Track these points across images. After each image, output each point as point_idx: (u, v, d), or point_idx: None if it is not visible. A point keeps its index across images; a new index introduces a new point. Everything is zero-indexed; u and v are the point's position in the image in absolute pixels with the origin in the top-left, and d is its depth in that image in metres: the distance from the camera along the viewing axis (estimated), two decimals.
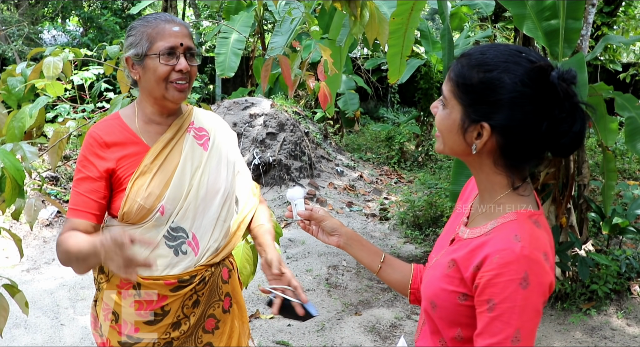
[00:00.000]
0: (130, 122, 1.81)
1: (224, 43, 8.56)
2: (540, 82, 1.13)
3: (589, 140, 8.51)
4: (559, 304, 4.19)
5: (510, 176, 1.22)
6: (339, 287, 4.78)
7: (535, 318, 1.10)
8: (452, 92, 1.21)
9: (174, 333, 1.81)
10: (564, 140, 1.15)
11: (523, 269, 1.08)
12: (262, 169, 7.29)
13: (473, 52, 1.21)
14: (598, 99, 4.32)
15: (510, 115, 1.14)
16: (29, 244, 5.77)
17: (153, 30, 1.71)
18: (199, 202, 1.79)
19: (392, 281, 1.59)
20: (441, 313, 1.25)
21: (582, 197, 4.45)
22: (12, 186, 2.08)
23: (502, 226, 1.18)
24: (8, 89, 2.71)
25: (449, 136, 1.24)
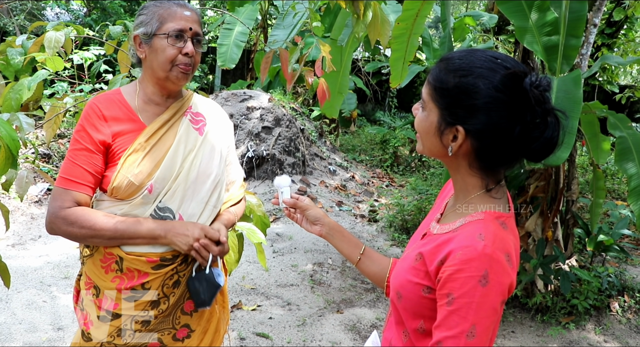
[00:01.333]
0: (130, 99, 1.83)
1: (227, 34, 8.55)
2: (514, 88, 1.16)
3: (581, 158, 8.58)
4: (539, 316, 4.23)
5: (485, 178, 1.26)
6: (322, 284, 4.79)
7: (492, 316, 1.12)
8: (430, 95, 1.25)
9: (152, 311, 1.82)
10: (535, 146, 1.17)
11: (484, 267, 1.11)
12: (255, 163, 7.30)
13: (451, 56, 1.24)
14: (592, 117, 4.37)
15: (484, 120, 1.17)
16: (16, 219, 5.75)
17: (165, 11, 1.74)
18: (188, 184, 1.81)
19: (370, 273, 1.63)
20: (406, 304, 1.28)
21: (569, 213, 4.49)
22: (5, 155, 2.08)
23: (469, 224, 1.22)
24: (7, 59, 2.71)
25: (426, 138, 1.28)
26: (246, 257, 5.15)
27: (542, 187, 4.14)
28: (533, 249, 4.16)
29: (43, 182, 6.57)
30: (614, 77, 9.84)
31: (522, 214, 4.23)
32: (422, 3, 5.02)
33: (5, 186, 2.46)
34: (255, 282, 4.69)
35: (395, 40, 5.30)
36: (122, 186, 1.72)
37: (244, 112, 7.74)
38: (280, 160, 7.38)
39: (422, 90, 1.28)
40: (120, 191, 1.73)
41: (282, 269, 5.03)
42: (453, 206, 1.34)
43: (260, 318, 4.05)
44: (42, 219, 5.87)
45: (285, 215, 6.36)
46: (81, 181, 1.73)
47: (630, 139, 3.78)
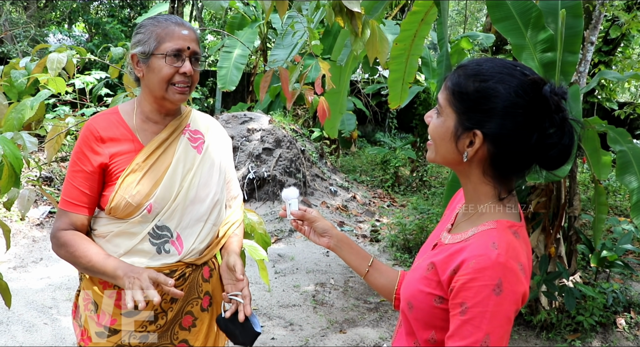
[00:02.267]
0: (128, 118, 1.83)
1: (227, 57, 8.65)
2: (533, 94, 1.17)
3: (582, 175, 8.58)
4: (544, 334, 4.19)
5: (497, 187, 1.25)
6: (325, 304, 4.76)
7: (506, 325, 1.12)
8: (448, 100, 1.25)
9: (151, 327, 1.81)
10: (553, 152, 1.18)
11: (497, 275, 1.11)
12: (256, 184, 7.30)
13: (469, 63, 1.25)
14: (592, 133, 4.38)
15: (502, 124, 1.17)
16: (18, 242, 5.74)
17: (163, 30, 1.73)
18: (187, 203, 1.81)
19: (378, 286, 1.61)
20: (417, 314, 1.27)
21: (572, 229, 4.48)
22: (9, 173, 2.09)
23: (481, 233, 1.21)
24: (11, 81, 2.73)
25: (441, 144, 1.27)
26: (248, 278, 5.12)
27: (544, 203, 4.14)
28: (536, 266, 4.14)
29: (45, 204, 6.57)
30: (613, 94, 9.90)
31: None
32: (420, 23, 5.09)
33: (7, 205, 2.46)
34: (257, 303, 4.66)
35: (393, 61, 5.35)
36: (120, 207, 1.72)
37: (245, 134, 7.77)
38: (281, 181, 7.39)
39: (438, 96, 1.28)
40: (119, 210, 1.73)
41: (284, 290, 5.00)
42: (464, 216, 1.33)
43: (262, 339, 4.02)
44: (43, 241, 5.86)
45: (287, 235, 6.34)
46: (78, 203, 1.75)
47: (630, 153, 3.79)
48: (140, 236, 1.76)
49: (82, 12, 13.45)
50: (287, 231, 6.60)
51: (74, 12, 13.40)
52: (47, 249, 5.68)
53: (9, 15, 12.37)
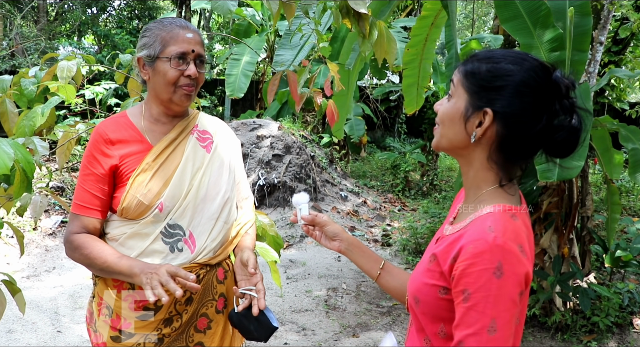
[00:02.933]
0: (136, 120, 1.84)
1: (235, 65, 8.68)
2: (544, 77, 1.18)
3: (594, 176, 8.52)
4: (559, 335, 4.14)
5: (499, 173, 1.25)
6: (337, 309, 4.74)
7: (511, 308, 1.10)
8: (460, 81, 1.25)
9: (166, 330, 1.80)
10: (560, 134, 1.17)
11: (496, 258, 1.09)
12: (267, 190, 7.31)
13: (480, 51, 1.27)
14: (603, 132, 4.35)
15: (513, 103, 1.17)
16: (31, 252, 5.78)
17: (167, 34, 1.75)
18: (198, 201, 1.81)
19: (390, 288, 1.59)
20: (424, 308, 1.26)
21: (585, 229, 4.44)
22: (21, 178, 2.10)
23: (478, 218, 1.20)
24: (21, 89, 2.75)
25: (450, 126, 1.27)
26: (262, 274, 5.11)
27: (556, 203, 4.10)
28: (549, 267, 4.11)
29: (57, 214, 6.61)
30: (623, 94, 9.83)
31: (537, 231, 4.19)
32: (430, 27, 5.09)
33: (19, 211, 2.48)
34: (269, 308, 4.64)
35: (406, 66, 5.36)
36: (132, 206, 1.73)
37: (254, 141, 7.79)
38: (291, 187, 7.39)
39: (452, 78, 1.28)
40: (130, 211, 1.74)
41: (296, 295, 4.98)
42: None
43: (275, 344, 4.00)
44: (56, 251, 5.89)
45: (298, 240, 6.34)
46: (90, 206, 1.76)
47: None
48: (152, 236, 1.76)
49: (91, 24, 13.60)
50: (298, 237, 6.60)
51: (84, 25, 13.55)
52: (59, 258, 5.71)
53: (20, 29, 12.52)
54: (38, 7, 13.78)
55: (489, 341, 1.08)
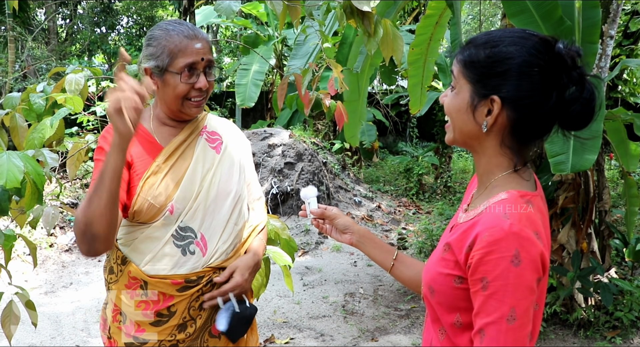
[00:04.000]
0: (145, 122, 1.83)
1: (245, 74, 8.72)
2: (547, 52, 1.14)
3: (610, 172, 8.41)
4: (581, 332, 4.07)
5: (513, 158, 1.21)
6: (355, 313, 4.70)
7: (530, 295, 1.08)
8: (460, 72, 1.21)
9: (180, 335, 1.79)
10: (575, 107, 1.14)
11: (513, 246, 1.07)
12: (280, 199, 7.30)
13: (478, 35, 1.23)
14: (617, 124, 4.29)
15: (519, 85, 1.14)
16: (48, 268, 5.81)
17: (175, 46, 1.68)
18: (209, 203, 1.79)
19: (404, 279, 1.57)
20: (439, 298, 1.24)
21: (603, 224, 4.37)
22: (31, 190, 2.11)
23: (493, 205, 1.17)
24: (30, 104, 2.76)
25: (458, 117, 1.23)
26: (277, 292, 5.10)
27: (572, 197, 4.04)
28: (569, 263, 4.04)
29: (72, 230, 6.64)
30: (637, 88, 9.72)
31: (554, 226, 4.13)
32: (435, 26, 5.07)
33: (32, 224, 2.48)
34: (286, 316, 4.62)
35: (411, 66, 5.34)
36: (143, 209, 1.71)
37: (266, 150, 7.79)
38: None
39: (452, 69, 1.25)
40: (142, 214, 1.72)
41: (313, 301, 4.95)
42: (478, 192, 1.30)
43: None
44: (72, 266, 5.92)
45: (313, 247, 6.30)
46: None
47: None
48: (164, 239, 1.74)
49: (100, 43, 13.74)
50: (313, 244, 6.57)
51: (93, 44, 13.70)
52: (76, 273, 5.73)
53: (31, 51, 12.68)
54: (48, 29, 13.96)
55: (509, 330, 1.06)
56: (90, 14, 14.17)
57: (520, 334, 1.07)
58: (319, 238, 6.71)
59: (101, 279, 5.44)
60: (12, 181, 1.88)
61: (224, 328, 1.78)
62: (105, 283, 1.88)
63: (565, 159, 3.13)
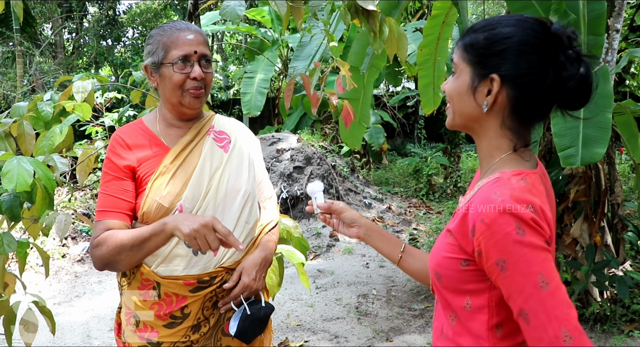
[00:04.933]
0: (152, 126, 1.85)
1: (250, 83, 8.74)
2: (543, 32, 1.17)
3: (621, 166, 8.35)
4: (598, 326, 4.03)
5: (514, 139, 1.23)
6: (369, 315, 4.68)
7: (547, 256, 1.08)
8: (461, 56, 1.25)
9: (194, 336, 1.78)
10: (571, 84, 1.15)
11: (512, 219, 1.07)
12: (290, 203, 7.30)
13: (475, 23, 1.26)
14: (627, 118, 4.26)
15: (518, 63, 1.16)
16: (61, 279, 5.83)
17: (168, 38, 1.74)
18: (218, 202, 1.79)
19: (413, 271, 1.57)
20: (447, 283, 1.24)
21: (616, 217, 4.33)
22: (42, 195, 2.12)
23: (485, 185, 1.19)
24: (37, 112, 2.78)
25: (458, 99, 1.25)
26: (289, 295, 5.10)
27: (583, 190, 4.01)
28: (582, 257, 4.01)
29: (84, 240, 6.67)
30: None
31: (566, 220, 4.10)
32: (442, 26, 5.07)
33: (45, 231, 2.49)
34: (300, 319, 4.61)
35: (421, 67, 5.35)
36: (152, 210, 1.72)
37: (274, 155, 7.80)
38: None
39: (452, 57, 1.28)
40: (151, 215, 1.72)
41: (326, 304, 4.94)
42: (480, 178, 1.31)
43: None
44: (85, 276, 5.94)
45: (325, 250, 6.29)
46: (114, 209, 1.73)
47: None
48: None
49: (107, 54, 13.84)
50: (325, 247, 6.56)
51: (100, 56, 13.79)
52: (89, 283, 5.75)
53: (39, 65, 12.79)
54: (55, 43, 14.08)
55: (547, 296, 1.05)
56: (96, 26, 14.28)
57: (559, 295, 1.06)
58: (330, 241, 6.70)
59: (114, 288, 5.47)
60: (22, 185, 1.89)
61: (234, 332, 1.78)
62: (119, 287, 1.89)
63: (575, 152, 3.11)
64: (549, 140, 4.32)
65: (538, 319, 1.06)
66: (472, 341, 1.22)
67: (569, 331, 1.04)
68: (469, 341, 1.23)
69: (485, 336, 1.19)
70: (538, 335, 1.07)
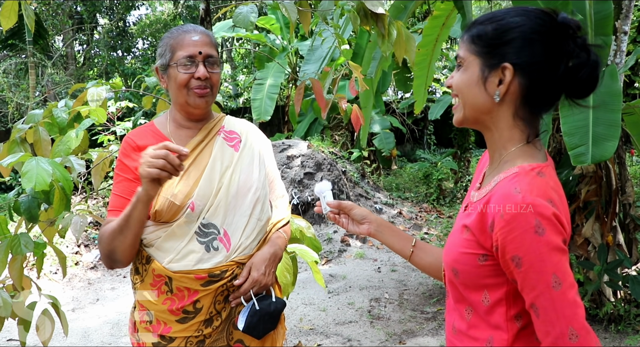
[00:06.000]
0: (162, 127, 1.89)
1: (260, 89, 8.81)
2: (550, 21, 1.18)
3: (632, 168, 8.32)
4: (612, 327, 4.01)
5: (526, 130, 1.23)
6: (381, 318, 4.69)
7: (563, 257, 1.09)
8: (467, 49, 1.24)
9: (207, 330, 1.80)
10: (584, 72, 1.16)
11: (532, 217, 1.08)
12: (301, 209, 7.32)
13: (480, 17, 1.26)
14: (637, 118, 4.26)
15: (529, 52, 1.17)
16: (75, 286, 5.88)
17: (174, 40, 1.81)
18: (229, 199, 1.83)
19: (425, 265, 1.57)
20: (464, 279, 1.24)
21: (628, 217, 4.32)
22: (60, 196, 2.16)
23: (504, 180, 1.19)
24: (53, 118, 2.83)
25: (469, 91, 1.24)
26: (302, 300, 5.11)
27: (594, 190, 4.01)
28: (595, 257, 4.00)
29: (97, 248, 6.72)
30: None
31: (577, 220, 4.10)
32: (441, 28, 5.09)
33: (61, 233, 2.52)
34: (313, 323, 4.63)
35: (417, 67, 5.36)
36: (164, 209, 1.75)
37: (285, 161, 7.84)
38: None
39: (457, 53, 1.28)
40: (163, 213, 1.75)
41: (339, 308, 4.95)
42: (490, 169, 1.31)
43: None
44: (99, 283, 5.99)
45: (336, 255, 6.30)
46: (121, 209, 1.76)
47: None
48: (187, 236, 1.77)
49: (117, 65, 13.99)
50: (336, 252, 6.58)
51: (111, 66, 13.95)
52: (102, 290, 5.80)
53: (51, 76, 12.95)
54: (67, 54, 14.26)
55: (558, 296, 1.08)
56: (107, 38, 14.46)
57: (570, 296, 1.08)
58: (341, 246, 6.71)
59: (127, 295, 5.51)
60: (42, 184, 1.93)
61: (242, 327, 1.80)
62: (132, 285, 1.92)
63: (585, 151, 3.11)
64: (558, 141, 4.33)
65: (547, 315, 1.09)
66: (490, 332, 1.23)
67: (575, 330, 1.07)
68: (486, 333, 1.23)
69: (505, 327, 1.20)
70: (545, 329, 1.10)
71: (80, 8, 13.76)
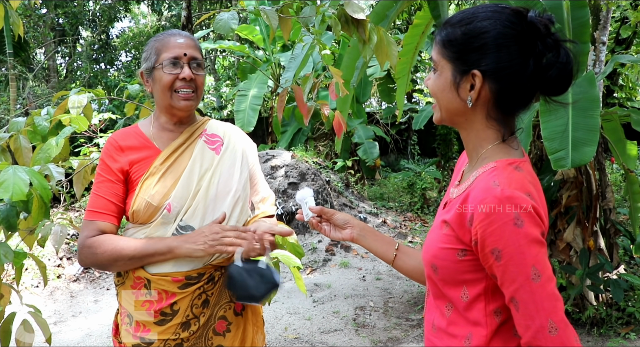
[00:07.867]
0: (145, 130, 1.91)
1: (243, 100, 8.82)
2: (520, 22, 1.18)
3: (613, 175, 8.42)
4: (595, 330, 4.04)
5: (501, 129, 1.25)
6: (367, 326, 4.68)
7: (541, 249, 1.11)
8: (439, 53, 1.26)
9: (184, 334, 1.80)
10: (552, 72, 1.17)
11: (511, 209, 1.10)
12: (286, 219, 7.30)
13: (452, 16, 1.28)
14: (614, 124, 4.33)
15: (498, 57, 1.17)
16: (57, 299, 5.80)
17: (159, 43, 1.83)
18: (208, 202, 1.83)
19: (408, 269, 1.57)
20: (443, 274, 1.25)
21: (609, 222, 4.37)
22: (39, 204, 2.14)
23: (482, 175, 1.21)
24: (34, 127, 2.81)
25: (443, 96, 1.27)
26: (287, 309, 5.09)
27: (575, 195, 4.06)
28: (577, 261, 4.04)
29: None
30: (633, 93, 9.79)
31: (559, 226, 4.13)
32: (421, 36, 5.14)
33: (40, 242, 2.49)
34: (298, 332, 4.60)
35: (397, 75, 5.40)
36: (141, 209, 1.76)
37: (269, 172, 7.83)
38: None
39: (431, 54, 1.30)
40: (140, 213, 1.77)
41: (324, 317, 4.93)
42: (468, 167, 1.33)
43: None
44: (81, 296, 5.91)
45: (321, 265, 6.28)
46: (105, 211, 1.79)
47: None
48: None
49: (100, 77, 13.92)
50: (321, 261, 6.56)
51: (94, 78, 13.88)
52: (85, 302, 5.73)
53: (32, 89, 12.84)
54: (48, 67, 14.18)
55: (537, 288, 1.09)
56: (89, 50, 14.39)
57: (549, 288, 1.10)
58: (326, 255, 6.70)
59: (110, 307, 5.45)
60: (18, 194, 1.91)
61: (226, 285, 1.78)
62: (115, 287, 1.91)
63: (565, 155, 3.15)
64: (539, 147, 4.38)
65: (527, 308, 1.10)
66: (469, 329, 1.23)
67: (555, 323, 1.09)
68: (465, 330, 1.24)
69: (484, 322, 1.21)
70: (525, 323, 1.11)
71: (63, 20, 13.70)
